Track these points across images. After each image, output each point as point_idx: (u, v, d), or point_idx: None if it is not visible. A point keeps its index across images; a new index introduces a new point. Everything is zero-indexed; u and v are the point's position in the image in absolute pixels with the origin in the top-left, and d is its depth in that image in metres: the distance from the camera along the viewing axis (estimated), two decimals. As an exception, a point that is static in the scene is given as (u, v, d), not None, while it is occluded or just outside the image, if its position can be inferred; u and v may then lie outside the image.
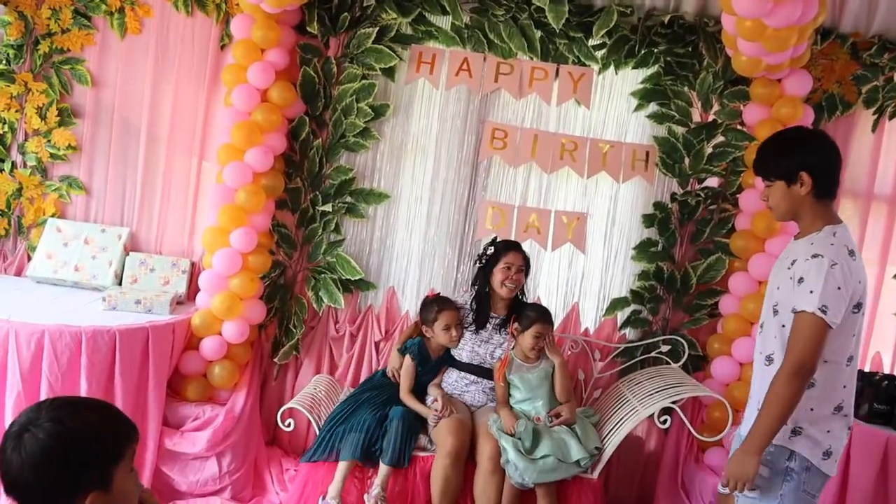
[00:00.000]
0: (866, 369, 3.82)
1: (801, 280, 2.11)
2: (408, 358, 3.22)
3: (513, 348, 3.18)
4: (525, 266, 3.28)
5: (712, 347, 3.71)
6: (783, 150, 2.23)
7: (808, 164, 2.17)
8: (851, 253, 2.16)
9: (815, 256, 2.10)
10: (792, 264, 2.18)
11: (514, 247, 3.29)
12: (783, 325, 2.19)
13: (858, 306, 2.16)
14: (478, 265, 3.33)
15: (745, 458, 2.11)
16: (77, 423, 1.36)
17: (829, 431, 2.17)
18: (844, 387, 2.19)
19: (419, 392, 3.23)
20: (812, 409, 2.15)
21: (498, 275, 3.23)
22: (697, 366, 3.75)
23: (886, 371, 3.85)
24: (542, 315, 3.15)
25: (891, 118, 3.80)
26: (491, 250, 3.28)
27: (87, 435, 1.37)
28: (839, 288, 2.07)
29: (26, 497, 1.33)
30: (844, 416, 2.20)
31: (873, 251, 3.88)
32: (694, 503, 3.49)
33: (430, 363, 3.26)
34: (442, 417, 3.03)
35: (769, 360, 2.26)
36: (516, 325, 3.16)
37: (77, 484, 1.34)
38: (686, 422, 3.23)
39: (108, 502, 1.36)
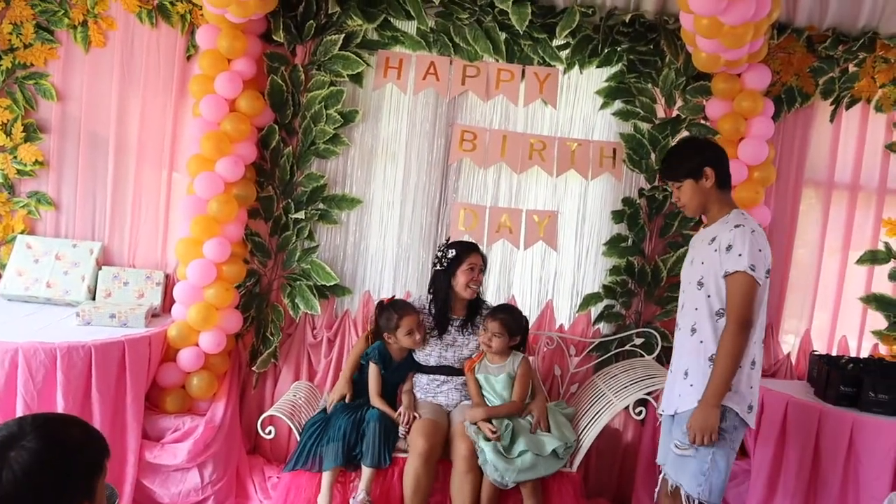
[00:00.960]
0: (833, 353, 3.93)
1: (728, 248, 2.46)
2: (372, 364, 3.26)
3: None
4: (484, 266, 3.34)
5: (684, 338, 3.78)
6: (686, 153, 2.66)
7: (708, 161, 2.60)
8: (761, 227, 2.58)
9: (737, 226, 2.48)
10: (712, 241, 2.53)
11: (474, 248, 3.34)
12: (709, 296, 2.53)
13: (768, 272, 2.51)
14: (437, 268, 3.35)
15: (708, 411, 2.43)
16: (66, 438, 1.39)
17: (751, 387, 2.53)
18: (755, 343, 2.52)
19: (390, 394, 3.27)
20: (741, 367, 2.47)
21: (461, 277, 3.26)
22: (671, 357, 3.82)
23: (852, 354, 3.96)
24: (494, 311, 3.25)
25: (847, 108, 3.91)
26: (452, 253, 3.31)
27: (76, 448, 1.40)
28: (760, 250, 2.45)
29: None
30: (757, 370, 2.56)
31: (836, 238, 3.99)
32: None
33: (394, 365, 3.30)
34: (409, 426, 3.07)
35: (693, 330, 2.58)
36: (482, 328, 3.24)
37: (69, 496, 1.36)
38: (653, 404, 3.30)
39: None
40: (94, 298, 3.68)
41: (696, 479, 2.49)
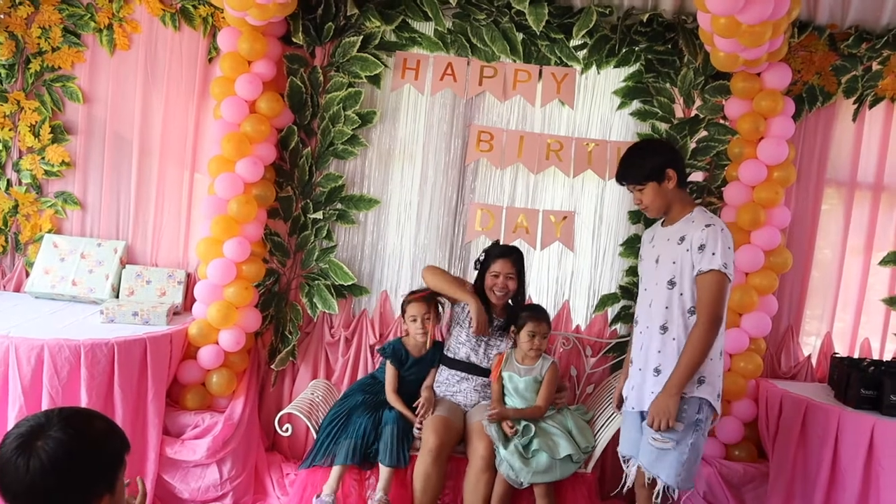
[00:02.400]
0: (855, 355, 3.88)
1: (701, 247, 2.55)
2: (388, 362, 3.30)
3: (512, 347, 3.24)
4: (516, 273, 3.30)
5: (702, 339, 3.75)
6: (646, 155, 2.72)
7: (669, 162, 2.68)
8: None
9: (708, 226, 2.56)
10: (681, 240, 2.61)
11: (503, 254, 3.30)
12: (681, 294, 2.62)
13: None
14: (476, 269, 3.39)
15: (668, 399, 2.56)
16: (90, 430, 1.45)
17: (719, 376, 2.66)
18: (721, 334, 2.65)
19: (410, 392, 3.29)
20: (711, 359, 2.61)
21: (488, 280, 3.29)
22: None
23: (875, 357, 3.90)
24: (535, 313, 3.21)
25: (871, 107, 3.86)
26: (482, 256, 3.35)
27: (100, 440, 1.46)
28: (730, 248, 2.56)
29: None
30: (723, 359, 2.71)
31: (859, 238, 3.93)
32: (684, 493, 3.53)
33: (411, 361, 3.32)
34: (423, 420, 3.09)
35: (664, 328, 2.66)
36: (513, 327, 3.23)
37: (93, 488, 1.41)
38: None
39: None
40: (117, 296, 3.75)
41: (675, 469, 2.60)
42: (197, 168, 3.92)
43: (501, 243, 3.59)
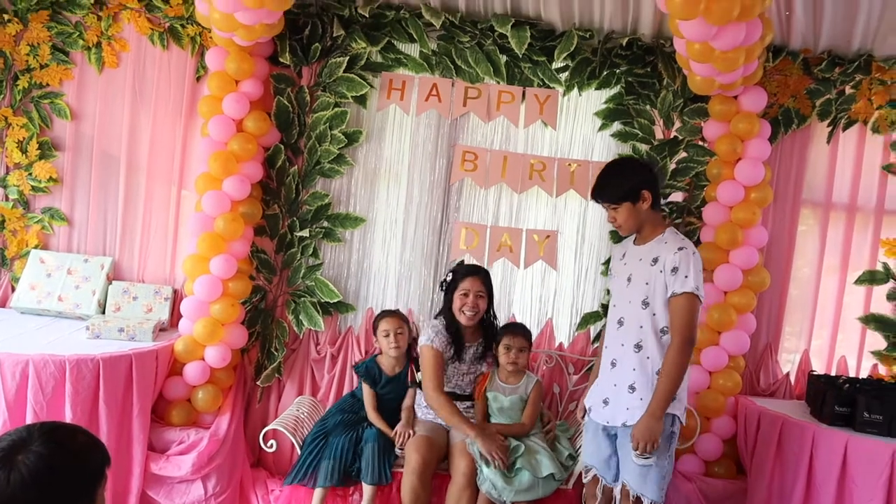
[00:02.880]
0: (832, 373, 3.96)
1: (674, 269, 2.64)
2: (362, 382, 3.36)
3: (496, 367, 3.29)
4: (486, 291, 3.32)
5: (682, 357, 3.81)
6: (625, 176, 2.78)
7: (645, 183, 2.75)
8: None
9: (680, 249, 2.66)
10: (654, 261, 2.70)
11: (472, 272, 3.33)
12: (654, 314, 2.70)
13: None
14: (442, 290, 3.43)
15: (653, 422, 2.62)
16: (71, 445, 1.48)
17: (685, 389, 2.75)
18: None
19: (390, 409, 3.34)
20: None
21: (456, 301, 3.29)
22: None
23: (852, 374, 3.98)
24: (512, 327, 3.28)
25: (844, 129, 3.96)
26: (449, 276, 3.36)
27: (83, 455, 1.49)
28: (700, 271, 2.66)
29: None
30: (688, 376, 2.77)
31: (834, 258, 4.02)
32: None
33: (385, 379, 3.36)
34: (403, 443, 3.13)
35: (638, 347, 2.74)
36: (494, 346, 3.29)
37: (74, 500, 1.45)
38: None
39: None
40: (104, 312, 3.77)
41: (658, 485, 2.70)
42: (184, 185, 3.96)
43: (475, 263, 3.65)
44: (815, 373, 3.79)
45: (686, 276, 2.62)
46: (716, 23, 2.78)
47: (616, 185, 2.77)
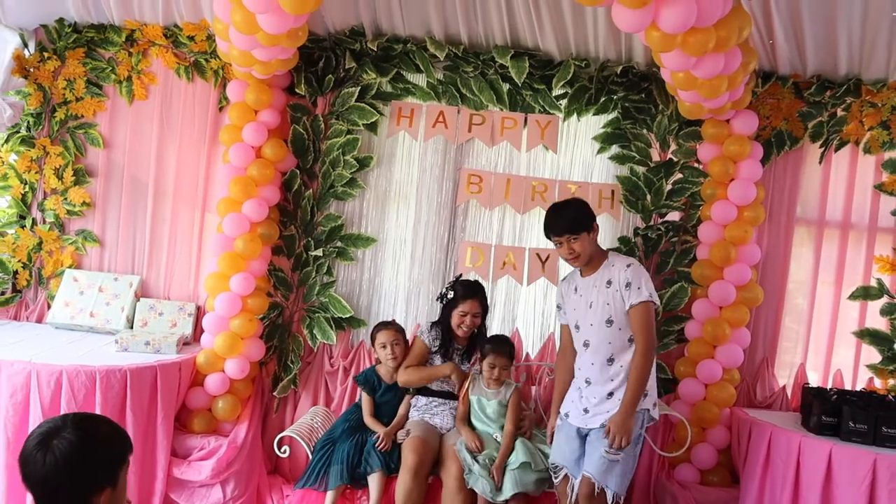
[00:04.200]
0: (828, 386, 4.07)
1: (628, 285, 2.95)
2: (361, 389, 3.59)
3: (479, 372, 3.49)
4: (482, 311, 3.58)
5: (679, 370, 3.97)
6: (583, 212, 3.08)
7: (594, 217, 3.09)
8: None
9: (629, 266, 2.99)
10: (609, 284, 3.00)
11: (471, 295, 3.55)
12: (620, 329, 2.99)
13: None
14: (440, 303, 3.66)
15: (628, 419, 2.90)
16: (97, 432, 1.71)
17: (654, 385, 3.05)
18: None
19: (388, 415, 3.56)
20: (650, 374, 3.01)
21: (455, 318, 3.55)
22: (668, 388, 4.00)
23: (847, 388, 4.09)
24: (497, 346, 3.47)
25: (836, 150, 4.11)
26: (451, 294, 3.60)
27: (106, 441, 1.72)
28: (649, 279, 2.98)
29: (50, 494, 1.64)
30: (654, 370, 3.09)
31: (829, 274, 4.15)
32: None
33: (383, 388, 3.58)
34: (385, 448, 3.33)
35: (610, 360, 3.02)
36: (478, 352, 3.51)
37: (96, 481, 1.67)
38: (648, 439, 3.49)
39: (114, 499, 1.70)
40: (131, 327, 4.03)
41: (622, 479, 2.93)
42: (207, 208, 4.22)
43: (476, 281, 3.85)
44: (808, 385, 3.91)
45: (639, 288, 2.93)
46: (693, 54, 2.96)
47: (576, 218, 3.03)
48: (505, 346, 3.48)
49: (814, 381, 4.12)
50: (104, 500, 1.68)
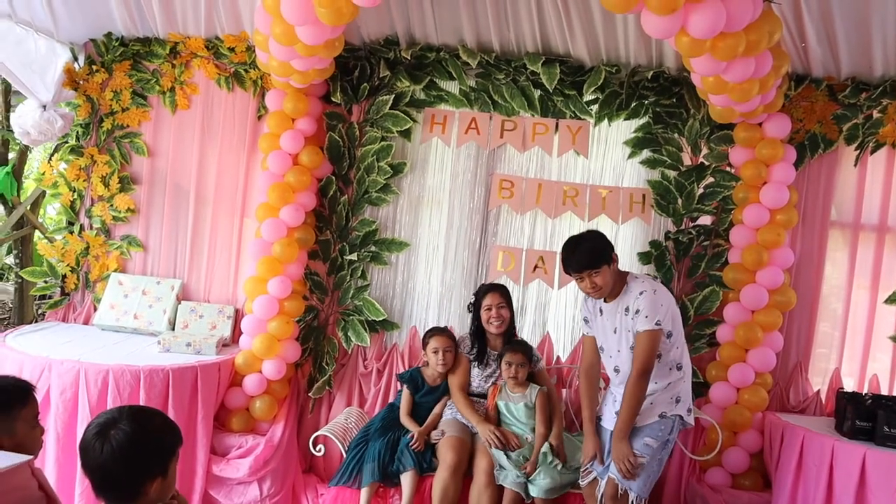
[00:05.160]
0: (864, 391, 4.02)
1: (637, 312, 2.96)
2: (405, 387, 3.64)
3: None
4: (507, 302, 3.65)
5: (711, 374, 3.97)
6: (603, 245, 3.05)
7: (612, 248, 3.07)
8: (655, 278, 3.28)
9: (641, 293, 2.98)
10: (627, 311, 3.02)
11: (490, 288, 3.68)
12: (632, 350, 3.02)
13: (674, 313, 3.04)
14: (470, 311, 3.75)
15: (622, 444, 2.96)
16: (151, 424, 1.82)
17: (688, 392, 3.10)
18: (685, 354, 3.14)
19: (423, 417, 3.61)
20: (683, 379, 3.07)
21: (483, 314, 3.63)
22: (699, 392, 3.99)
23: (885, 393, 4.04)
24: (512, 345, 3.55)
25: (872, 153, 4.07)
26: (473, 298, 3.73)
27: (158, 432, 1.83)
28: (662, 305, 2.96)
29: (106, 480, 1.75)
30: (690, 377, 3.17)
31: (865, 277, 4.11)
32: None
33: (426, 388, 3.64)
34: (417, 447, 3.39)
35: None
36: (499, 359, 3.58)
37: (149, 470, 1.78)
38: (679, 443, 3.50)
39: (164, 488, 1.81)
40: (173, 329, 4.17)
41: (645, 482, 2.96)
42: (246, 214, 4.35)
43: (521, 283, 3.92)
44: (843, 390, 3.87)
45: (647, 316, 2.93)
46: (723, 59, 2.98)
47: (595, 251, 3.01)
48: (518, 345, 3.55)
49: (849, 386, 4.08)
50: (155, 488, 1.78)
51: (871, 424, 3.35)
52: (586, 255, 3.01)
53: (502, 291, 3.67)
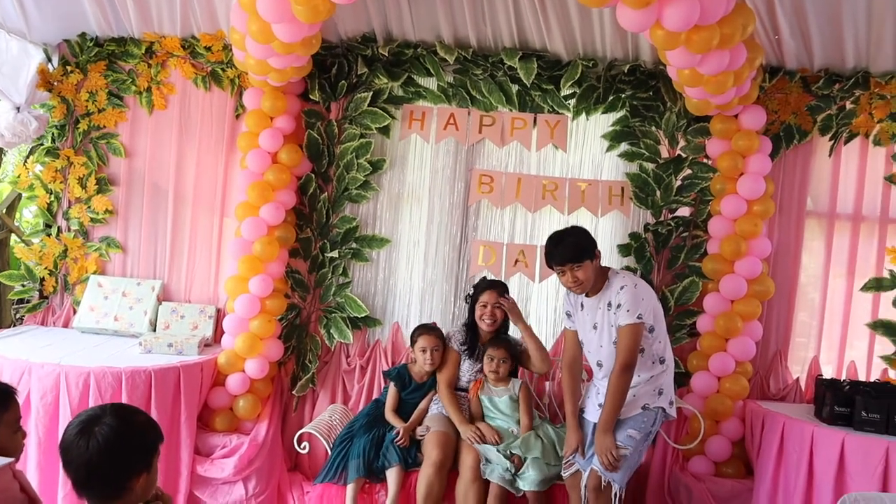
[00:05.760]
0: (842, 377, 4.08)
1: (619, 306, 2.99)
2: (391, 384, 3.65)
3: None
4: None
5: (692, 363, 4.01)
6: (586, 240, 3.09)
7: (595, 244, 3.10)
8: (635, 272, 3.29)
9: (622, 288, 3.01)
10: (609, 306, 3.04)
11: (489, 286, 3.65)
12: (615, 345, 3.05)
13: (654, 307, 3.05)
14: (467, 303, 3.75)
15: (605, 437, 2.99)
16: (135, 419, 1.83)
17: (671, 384, 3.15)
18: (668, 349, 3.17)
19: (408, 414, 3.61)
20: (665, 371, 3.11)
21: (477, 311, 3.63)
22: (681, 382, 4.02)
23: (862, 379, 4.10)
24: (494, 340, 3.58)
25: (846, 143, 4.13)
26: (471, 290, 3.72)
27: (143, 429, 1.83)
28: (643, 299, 2.98)
29: (92, 477, 1.74)
30: (673, 370, 3.20)
31: (841, 266, 4.18)
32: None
33: (413, 385, 3.64)
34: (402, 443, 3.39)
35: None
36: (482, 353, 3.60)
37: (135, 465, 1.78)
38: (662, 433, 3.54)
39: (148, 484, 1.82)
40: (154, 330, 4.15)
41: (626, 473, 3.01)
42: (226, 213, 4.33)
43: (498, 279, 3.92)
44: (822, 377, 3.93)
45: (628, 310, 2.96)
46: (697, 52, 3.01)
47: (579, 246, 3.04)
48: (503, 341, 3.57)
49: (828, 373, 4.14)
50: (141, 483, 1.78)
51: (850, 410, 3.40)
52: (570, 250, 3.03)
53: (501, 290, 3.66)
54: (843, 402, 3.43)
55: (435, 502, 3.22)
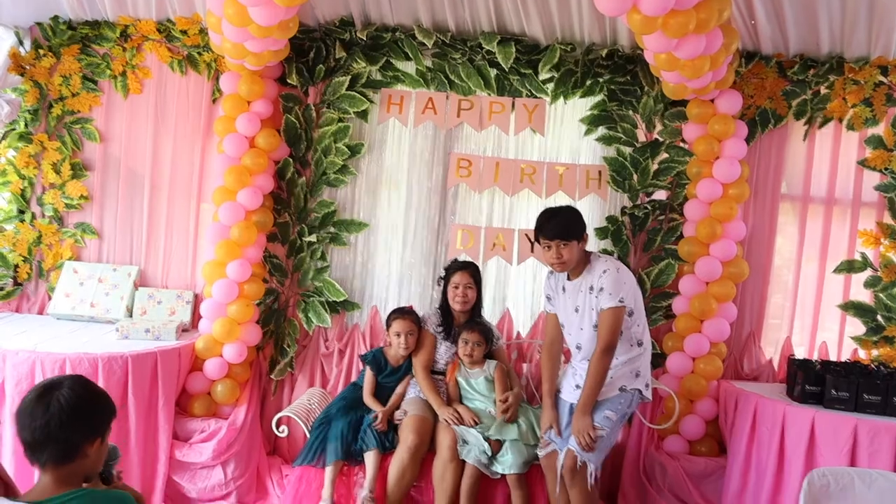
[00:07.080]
0: (814, 357, 4.16)
1: (601, 290, 3.03)
2: (367, 368, 3.66)
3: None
4: (475, 283, 3.68)
5: (667, 345, 4.06)
6: (577, 221, 3.11)
7: (584, 228, 3.13)
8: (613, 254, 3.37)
9: (604, 272, 3.04)
10: (591, 289, 3.08)
11: (460, 267, 3.69)
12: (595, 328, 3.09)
13: (634, 292, 3.10)
14: (440, 286, 3.77)
15: (584, 419, 3.02)
16: (93, 387, 1.88)
17: (647, 366, 3.18)
18: (645, 331, 3.21)
19: (385, 397, 3.62)
20: (642, 354, 3.15)
21: (449, 292, 3.66)
22: (657, 363, 4.06)
23: (834, 359, 4.18)
24: (469, 323, 3.61)
25: (820, 127, 4.18)
26: (443, 272, 3.74)
27: (101, 395, 1.89)
28: (625, 283, 3.03)
29: (48, 440, 1.75)
30: (650, 353, 3.25)
31: (814, 249, 4.24)
32: (655, 487, 3.83)
33: (388, 369, 3.66)
34: (381, 427, 3.40)
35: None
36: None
37: (92, 430, 1.81)
38: (638, 414, 3.59)
39: (100, 453, 1.87)
40: (131, 316, 4.12)
41: (601, 453, 3.06)
42: (203, 198, 4.30)
43: (469, 259, 3.95)
44: (794, 357, 4.00)
45: (610, 294, 2.99)
46: (674, 36, 3.03)
47: (571, 224, 3.08)
48: (476, 324, 3.60)
49: (800, 354, 4.21)
50: (94, 449, 1.82)
51: (820, 389, 3.47)
52: (562, 226, 3.07)
53: (472, 271, 3.69)
54: (814, 382, 3.50)
55: (407, 486, 3.26)
